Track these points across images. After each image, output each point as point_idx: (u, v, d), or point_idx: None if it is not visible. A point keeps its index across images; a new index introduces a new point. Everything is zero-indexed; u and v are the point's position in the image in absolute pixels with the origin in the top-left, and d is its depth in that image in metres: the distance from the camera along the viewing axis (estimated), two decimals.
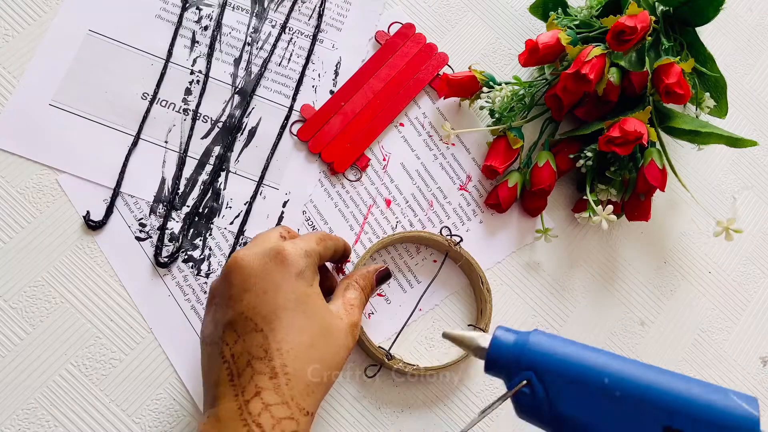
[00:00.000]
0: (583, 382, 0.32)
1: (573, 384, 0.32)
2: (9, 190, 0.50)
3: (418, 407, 0.51)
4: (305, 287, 0.38)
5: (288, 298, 0.37)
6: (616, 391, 0.31)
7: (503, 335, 0.36)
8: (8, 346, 0.47)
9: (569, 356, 0.33)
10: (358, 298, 0.43)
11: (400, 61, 0.57)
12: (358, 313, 0.42)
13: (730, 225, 0.50)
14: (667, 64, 0.51)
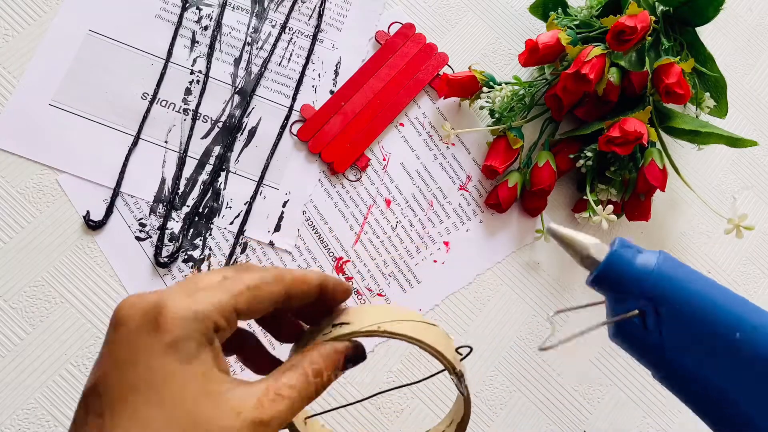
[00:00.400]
0: (709, 331, 0.27)
1: (695, 330, 0.27)
2: (9, 190, 0.50)
3: (419, 408, 0.51)
4: (173, 364, 0.27)
5: (141, 377, 0.27)
6: (747, 350, 0.26)
7: (624, 252, 0.29)
8: (8, 346, 0.47)
9: (699, 296, 0.27)
10: (297, 388, 0.29)
11: (400, 61, 0.57)
12: (285, 409, 0.29)
13: (742, 222, 0.50)
14: (667, 64, 0.51)
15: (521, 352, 0.54)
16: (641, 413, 0.54)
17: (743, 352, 0.26)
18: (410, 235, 0.55)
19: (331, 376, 0.30)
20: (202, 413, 0.27)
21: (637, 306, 0.28)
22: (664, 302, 0.28)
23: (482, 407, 0.52)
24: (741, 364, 0.26)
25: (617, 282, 0.29)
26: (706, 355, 0.27)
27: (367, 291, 0.53)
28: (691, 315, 0.27)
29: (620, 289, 0.29)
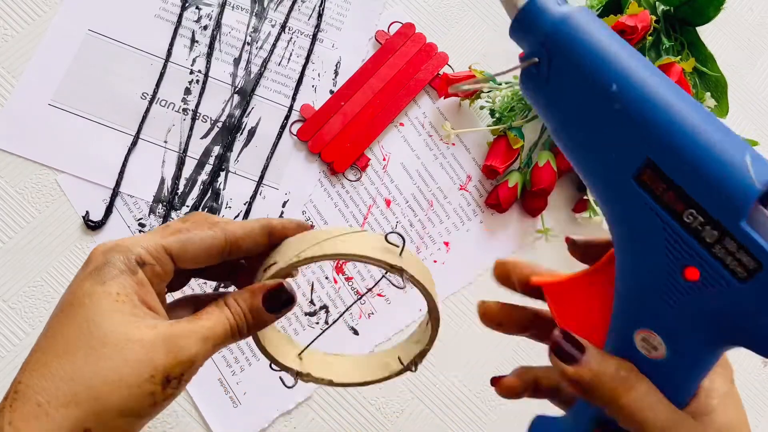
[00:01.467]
0: (591, 78, 0.26)
1: (578, 79, 0.27)
2: (8, 190, 0.50)
3: (419, 408, 0.51)
4: (90, 286, 0.29)
5: (62, 300, 0.30)
6: (616, 103, 0.26)
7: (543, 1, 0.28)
8: (7, 346, 0.47)
9: (591, 48, 0.26)
10: (215, 314, 0.30)
11: (400, 60, 0.57)
12: (202, 327, 0.29)
13: None
14: (667, 63, 0.51)
15: (521, 352, 0.54)
16: None
17: (614, 104, 0.26)
18: (410, 235, 0.54)
19: (253, 317, 0.31)
20: (106, 326, 0.28)
21: (535, 55, 0.28)
22: (557, 50, 0.27)
23: (482, 407, 0.52)
24: (608, 114, 0.26)
25: (527, 30, 0.28)
26: (585, 99, 0.27)
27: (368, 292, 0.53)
28: (577, 64, 0.27)
29: (527, 38, 0.28)
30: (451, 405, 0.52)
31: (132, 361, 0.27)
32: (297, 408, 0.49)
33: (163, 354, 0.28)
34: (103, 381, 0.27)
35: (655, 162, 0.25)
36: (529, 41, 0.28)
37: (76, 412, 0.26)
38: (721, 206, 0.24)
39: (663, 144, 0.25)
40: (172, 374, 0.28)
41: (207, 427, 0.48)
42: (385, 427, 0.50)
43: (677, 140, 0.25)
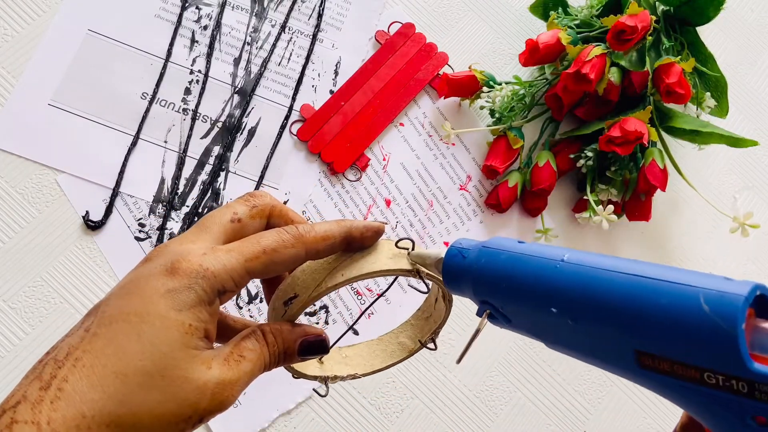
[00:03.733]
0: (535, 313, 0.27)
1: (527, 313, 0.28)
2: (8, 190, 0.50)
3: (419, 408, 0.51)
4: (166, 307, 0.28)
5: (134, 310, 0.28)
6: (569, 320, 0.26)
7: (456, 248, 0.30)
8: (7, 346, 0.47)
9: (513, 283, 0.28)
10: (256, 352, 0.30)
11: (400, 60, 0.57)
12: (245, 374, 0.30)
13: (747, 220, 0.50)
14: (667, 63, 0.51)
15: (521, 353, 0.54)
16: (641, 414, 0.54)
17: (567, 321, 0.26)
18: (410, 236, 0.54)
19: (288, 355, 0.32)
20: (170, 359, 0.28)
21: (483, 310, 0.29)
22: (492, 299, 0.29)
23: (482, 407, 0.52)
24: (572, 330, 0.26)
25: (459, 290, 0.30)
26: (547, 329, 0.28)
27: (368, 291, 0.53)
28: (516, 301, 0.28)
29: (466, 295, 0.30)
30: (451, 405, 0.52)
31: (181, 401, 0.28)
32: (297, 408, 0.49)
33: (208, 400, 0.28)
34: (149, 413, 0.27)
35: (642, 350, 0.24)
36: (468, 294, 0.30)
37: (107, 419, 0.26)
38: (722, 362, 0.22)
39: (632, 334, 0.24)
40: (207, 418, 0.28)
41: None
42: (385, 426, 0.50)
43: (642, 325, 0.24)
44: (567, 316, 0.26)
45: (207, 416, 0.28)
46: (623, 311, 0.25)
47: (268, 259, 0.30)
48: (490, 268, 0.29)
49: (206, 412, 0.28)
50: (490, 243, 0.30)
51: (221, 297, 0.29)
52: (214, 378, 0.28)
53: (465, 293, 0.30)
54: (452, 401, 0.52)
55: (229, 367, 0.29)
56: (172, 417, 0.27)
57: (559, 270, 0.27)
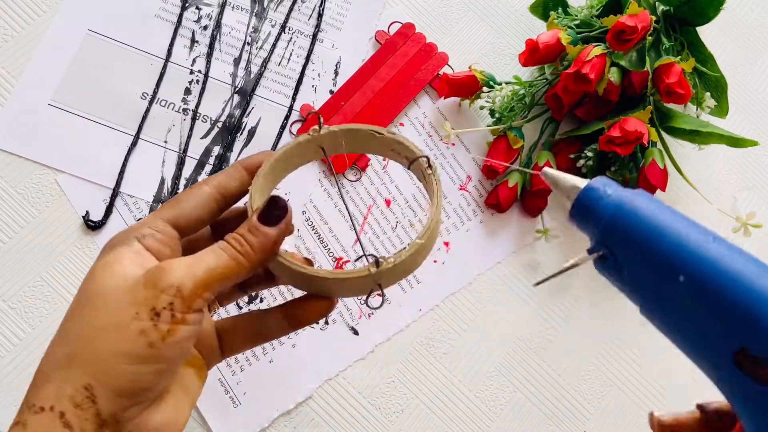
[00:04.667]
0: (658, 273, 0.26)
1: (649, 270, 0.27)
2: (8, 190, 0.50)
3: (419, 408, 0.51)
4: (91, 269, 0.29)
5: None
6: (690, 294, 0.25)
7: (591, 193, 0.29)
8: (7, 346, 0.47)
9: (648, 241, 0.27)
10: (206, 248, 0.30)
11: (400, 60, 0.57)
12: (190, 257, 0.29)
13: (749, 220, 0.50)
14: (667, 63, 0.51)
15: (521, 353, 0.54)
16: (641, 414, 0.54)
17: (688, 294, 0.26)
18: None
19: (253, 234, 0.30)
20: (102, 281, 0.28)
21: (598, 250, 0.28)
22: (619, 244, 0.28)
23: (482, 407, 0.52)
24: (686, 304, 0.26)
25: (585, 220, 0.29)
26: (661, 293, 0.27)
27: None
28: (641, 260, 0.27)
29: (588, 228, 0.29)
30: (451, 405, 0.52)
31: (115, 303, 0.27)
32: (297, 408, 0.49)
33: (143, 289, 0.27)
34: (92, 330, 0.27)
35: (749, 349, 0.24)
36: (590, 231, 0.29)
37: (74, 371, 0.26)
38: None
39: (748, 331, 0.24)
40: (157, 306, 0.27)
41: (207, 427, 0.48)
42: (385, 426, 0.50)
43: (761, 325, 0.23)
44: (691, 290, 0.25)
45: (157, 304, 0.27)
46: (746, 308, 0.24)
47: (176, 201, 0.32)
48: (631, 217, 0.27)
49: (151, 299, 0.27)
50: (638, 193, 0.29)
51: (142, 240, 0.30)
52: (145, 271, 0.28)
53: (587, 229, 0.29)
54: (452, 401, 0.52)
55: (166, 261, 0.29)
56: (116, 321, 0.27)
57: (708, 244, 0.26)
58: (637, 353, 0.56)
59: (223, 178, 0.33)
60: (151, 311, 0.27)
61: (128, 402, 0.27)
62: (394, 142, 0.35)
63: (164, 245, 0.31)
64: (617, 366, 0.55)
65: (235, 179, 0.33)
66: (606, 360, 0.55)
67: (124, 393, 0.26)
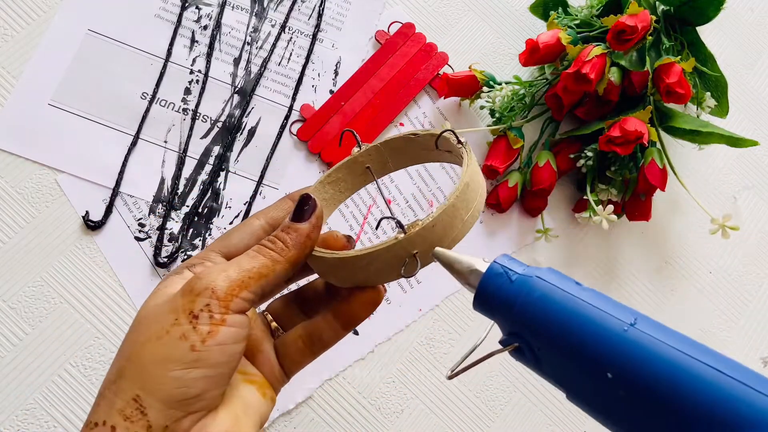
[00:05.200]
0: (578, 367, 0.24)
1: (568, 368, 0.25)
2: (8, 190, 0.50)
3: (419, 408, 0.51)
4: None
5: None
6: (620, 390, 0.23)
7: (503, 270, 0.26)
8: (7, 346, 0.47)
9: (567, 333, 0.24)
10: (241, 255, 0.31)
11: (400, 60, 0.57)
12: (227, 264, 0.29)
13: (726, 222, 0.50)
14: (667, 63, 0.51)
15: None
16: None
17: (618, 391, 0.23)
18: None
19: (286, 233, 0.31)
20: (151, 304, 0.29)
21: (511, 342, 0.27)
22: (531, 339, 0.26)
23: (482, 407, 0.52)
24: (617, 399, 0.24)
25: (490, 314, 0.27)
26: (586, 387, 0.25)
27: None
28: (557, 353, 0.25)
29: (496, 318, 0.27)
30: (451, 405, 0.52)
31: (156, 316, 0.28)
32: (297, 408, 0.49)
33: (180, 297, 0.28)
34: (136, 344, 0.27)
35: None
36: (498, 321, 0.27)
37: (122, 383, 0.27)
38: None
39: (677, 418, 0.22)
40: (194, 309, 0.27)
41: None
42: (385, 426, 0.50)
43: (708, 423, 0.21)
44: (621, 386, 0.23)
45: (194, 307, 0.27)
46: (693, 404, 0.22)
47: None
48: (542, 306, 0.25)
49: (188, 305, 0.27)
50: (545, 275, 0.26)
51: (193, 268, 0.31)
52: (176, 291, 0.29)
53: (495, 317, 0.27)
54: (452, 401, 0.52)
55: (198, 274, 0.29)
56: (157, 331, 0.27)
57: (626, 335, 0.24)
58: None
59: (272, 210, 0.34)
60: (189, 315, 0.27)
61: (179, 412, 0.26)
62: (429, 137, 0.34)
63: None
64: None
65: (282, 210, 0.34)
66: None
67: (173, 402, 0.26)
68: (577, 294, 0.25)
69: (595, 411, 0.25)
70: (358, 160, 0.36)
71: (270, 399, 0.32)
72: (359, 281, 0.32)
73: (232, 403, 0.29)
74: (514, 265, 0.27)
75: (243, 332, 0.28)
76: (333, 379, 0.50)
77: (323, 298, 0.36)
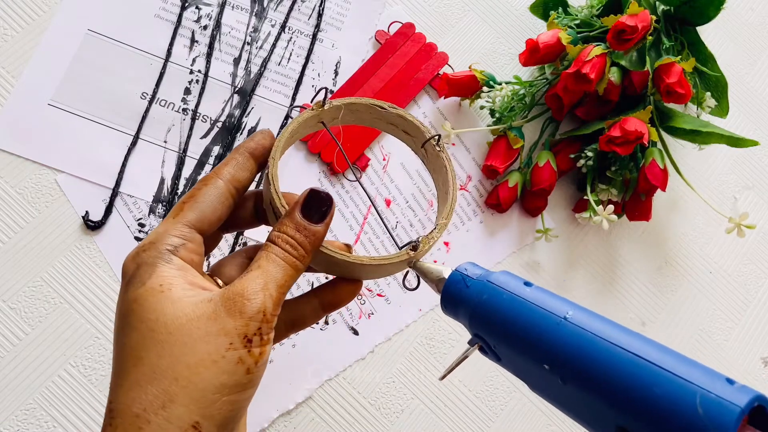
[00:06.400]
0: (527, 363, 0.27)
1: (519, 360, 0.28)
2: (8, 190, 0.50)
3: (419, 408, 0.51)
4: (134, 292, 0.28)
5: (115, 321, 0.29)
6: (558, 379, 0.26)
7: (461, 276, 0.29)
8: (7, 346, 0.47)
9: (510, 329, 0.27)
10: (263, 258, 0.29)
11: (400, 60, 0.57)
12: (256, 275, 0.28)
13: (743, 221, 0.50)
14: (667, 63, 0.51)
15: None
16: None
17: (557, 380, 0.26)
18: (410, 236, 0.54)
19: (303, 236, 0.30)
20: (162, 316, 0.27)
21: (474, 342, 0.30)
22: (487, 335, 0.28)
23: (482, 408, 0.52)
24: (560, 388, 0.26)
25: (455, 316, 0.30)
26: (536, 376, 0.27)
27: (367, 291, 0.53)
28: (507, 347, 0.28)
29: (460, 321, 0.30)
30: (451, 405, 0.52)
31: (204, 337, 0.26)
32: (297, 408, 0.49)
33: (230, 319, 0.27)
34: (186, 367, 0.26)
35: (625, 429, 0.24)
36: (463, 323, 0.29)
37: (177, 409, 0.25)
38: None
39: (620, 412, 0.24)
40: (249, 333, 0.27)
41: None
42: (385, 426, 0.50)
43: (632, 407, 0.23)
44: (558, 375, 0.26)
45: (248, 331, 0.27)
46: (616, 388, 0.24)
47: (195, 204, 0.31)
48: (490, 307, 0.28)
49: (242, 329, 0.27)
50: (496, 279, 0.29)
51: (177, 254, 0.29)
52: (220, 300, 0.27)
53: (459, 319, 0.30)
54: (452, 401, 0.52)
55: (234, 286, 0.28)
56: (212, 355, 0.26)
57: (559, 328, 0.26)
58: None
59: (233, 169, 0.32)
60: (244, 339, 0.27)
61: (227, 430, 0.27)
62: (396, 116, 0.36)
63: (195, 253, 0.30)
64: None
65: (245, 169, 0.32)
66: None
67: (227, 424, 0.27)
68: (520, 293, 0.28)
69: (550, 399, 0.28)
70: (318, 115, 0.36)
71: None
72: (353, 277, 0.35)
73: None
74: (475, 271, 0.30)
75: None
76: (333, 379, 0.50)
77: (245, 220, 0.35)
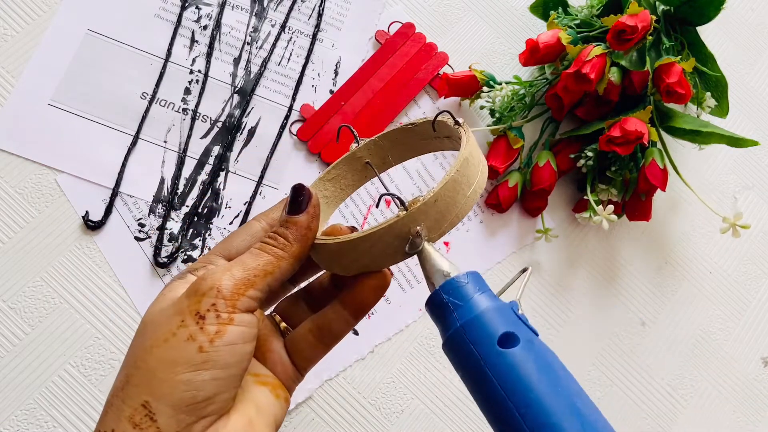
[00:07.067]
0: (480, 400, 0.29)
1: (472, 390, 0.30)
2: (8, 190, 0.50)
3: (419, 408, 0.51)
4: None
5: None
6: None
7: (463, 290, 0.28)
8: (7, 346, 0.47)
9: (470, 382, 0.28)
10: (246, 253, 0.30)
11: (400, 60, 0.57)
12: (226, 262, 0.30)
13: (737, 221, 0.50)
14: (667, 63, 0.51)
15: None
16: (641, 414, 0.54)
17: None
18: None
19: (285, 227, 0.30)
20: (156, 309, 0.28)
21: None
22: (452, 360, 0.29)
23: None
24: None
25: (434, 320, 0.30)
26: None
27: None
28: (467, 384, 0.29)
29: (437, 325, 0.30)
30: (451, 405, 0.52)
31: (164, 320, 0.27)
32: (297, 408, 0.49)
33: (185, 299, 0.27)
34: (143, 350, 0.27)
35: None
36: (439, 329, 0.30)
37: (130, 390, 0.26)
38: None
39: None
40: (201, 309, 0.27)
41: None
42: (385, 426, 0.50)
43: None
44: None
45: (200, 307, 0.27)
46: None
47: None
48: (455, 354, 0.28)
49: (194, 305, 0.27)
50: (478, 321, 0.28)
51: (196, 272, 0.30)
52: (181, 294, 0.28)
53: (437, 324, 0.30)
54: (452, 401, 0.52)
55: (205, 274, 0.28)
56: (164, 334, 0.27)
57: (508, 413, 0.28)
58: (636, 353, 0.56)
59: (272, 211, 0.33)
60: (196, 315, 0.27)
61: (190, 417, 0.26)
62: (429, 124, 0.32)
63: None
64: (617, 366, 0.55)
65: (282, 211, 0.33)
66: (606, 360, 0.55)
67: (183, 406, 0.26)
68: (486, 358, 0.28)
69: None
70: (357, 155, 0.36)
71: (284, 400, 0.32)
72: (364, 266, 0.31)
73: (245, 406, 0.29)
74: (469, 290, 0.29)
75: (252, 331, 0.28)
76: (333, 379, 0.50)
77: (331, 292, 0.35)
